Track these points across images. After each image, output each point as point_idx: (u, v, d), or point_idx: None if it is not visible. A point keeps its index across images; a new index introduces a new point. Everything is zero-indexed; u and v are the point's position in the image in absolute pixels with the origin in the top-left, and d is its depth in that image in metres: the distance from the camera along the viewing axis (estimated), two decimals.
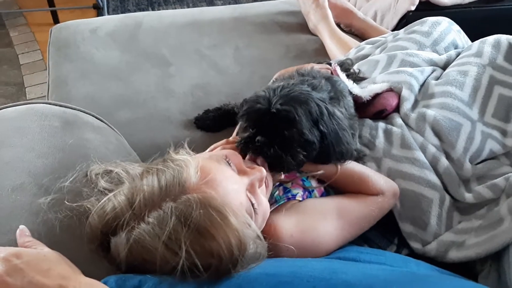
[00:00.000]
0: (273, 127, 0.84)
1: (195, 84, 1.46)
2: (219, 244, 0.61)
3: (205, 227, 0.61)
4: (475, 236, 0.93)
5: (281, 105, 0.83)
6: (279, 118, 0.83)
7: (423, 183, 0.98)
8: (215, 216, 0.62)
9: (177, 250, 0.60)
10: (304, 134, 0.83)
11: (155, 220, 0.63)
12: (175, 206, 0.64)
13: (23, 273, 0.54)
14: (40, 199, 0.72)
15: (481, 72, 1.09)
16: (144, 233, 0.63)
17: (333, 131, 0.87)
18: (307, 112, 0.84)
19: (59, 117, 0.91)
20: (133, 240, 0.63)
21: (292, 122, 0.83)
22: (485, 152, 1.02)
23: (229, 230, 0.62)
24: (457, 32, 1.28)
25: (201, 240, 0.61)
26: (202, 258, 0.60)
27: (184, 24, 1.69)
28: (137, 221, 0.64)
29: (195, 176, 0.69)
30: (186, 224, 0.62)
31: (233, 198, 0.70)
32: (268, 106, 0.83)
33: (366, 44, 1.45)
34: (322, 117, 0.86)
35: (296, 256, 0.75)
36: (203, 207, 0.63)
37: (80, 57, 1.53)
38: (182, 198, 0.65)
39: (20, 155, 0.79)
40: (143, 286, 0.58)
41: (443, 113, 1.03)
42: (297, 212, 0.84)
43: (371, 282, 0.58)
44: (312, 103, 0.85)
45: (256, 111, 0.85)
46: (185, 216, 0.62)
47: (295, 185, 0.91)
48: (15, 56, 2.83)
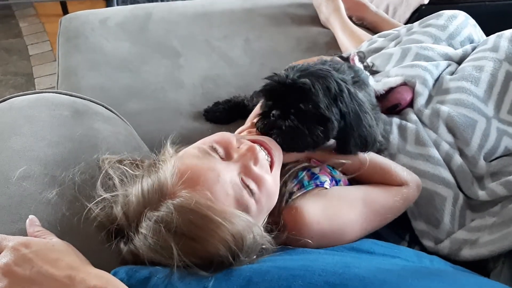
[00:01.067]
0: (288, 100, 0.82)
1: (204, 75, 1.45)
2: (212, 244, 0.60)
3: (191, 231, 0.61)
4: (488, 234, 0.91)
5: (298, 77, 0.81)
6: (294, 90, 0.81)
7: (437, 180, 0.97)
8: (197, 220, 0.61)
9: (171, 257, 0.60)
10: (320, 108, 0.80)
11: (145, 231, 0.63)
12: (157, 215, 0.63)
13: (32, 263, 0.54)
14: (50, 190, 0.71)
15: (497, 67, 1.06)
16: (139, 244, 0.64)
17: (353, 111, 0.84)
18: (325, 88, 0.82)
19: (69, 107, 0.91)
20: (134, 249, 0.65)
21: (308, 95, 0.80)
22: (500, 149, 1.01)
23: (217, 228, 0.61)
24: (473, 26, 1.26)
25: (191, 244, 0.61)
26: (198, 259, 0.60)
27: (194, 15, 1.68)
28: (132, 232, 0.66)
29: (171, 178, 0.67)
30: (172, 231, 0.61)
31: (217, 190, 0.67)
32: (284, 79, 0.82)
33: (378, 37, 1.43)
34: (341, 94, 0.83)
35: (315, 245, 0.74)
36: (182, 213, 0.62)
37: (90, 47, 1.53)
38: (161, 206, 0.64)
39: (30, 144, 0.78)
40: (154, 277, 0.58)
41: (457, 109, 1.02)
42: (324, 198, 0.82)
43: (384, 276, 0.57)
44: (331, 79, 0.83)
45: (272, 84, 0.83)
46: (168, 223, 0.61)
47: (323, 172, 0.87)
48: (25, 47, 2.83)
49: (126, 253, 0.66)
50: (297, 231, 0.74)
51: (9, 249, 0.55)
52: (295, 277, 0.55)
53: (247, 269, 0.58)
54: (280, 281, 0.54)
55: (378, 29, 1.62)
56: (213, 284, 0.55)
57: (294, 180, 0.84)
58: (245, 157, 0.74)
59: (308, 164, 0.88)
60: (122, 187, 0.72)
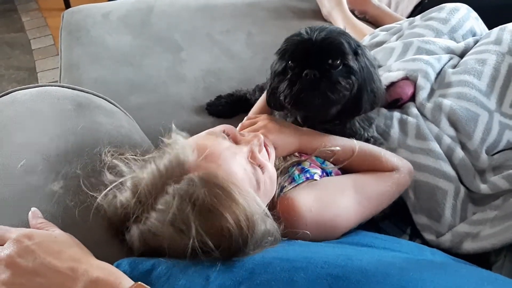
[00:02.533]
0: (318, 58, 0.82)
1: (206, 69, 1.45)
2: (227, 221, 0.60)
3: (212, 204, 0.61)
4: (490, 227, 0.91)
5: (323, 36, 0.82)
6: (323, 47, 0.82)
7: (438, 174, 0.96)
8: (220, 193, 0.62)
9: (187, 231, 0.60)
10: (349, 61, 0.83)
11: (162, 206, 0.63)
12: (178, 187, 0.63)
13: (35, 255, 0.54)
14: (53, 183, 0.71)
15: (500, 61, 1.06)
16: (154, 221, 0.63)
17: (367, 66, 0.87)
18: (348, 43, 0.84)
19: (72, 100, 0.91)
20: (145, 231, 0.64)
21: (338, 50, 0.82)
22: (503, 143, 1.00)
23: (235, 206, 0.62)
24: (475, 20, 1.25)
25: (209, 217, 0.61)
26: (212, 236, 0.60)
27: (196, 9, 1.67)
28: (146, 211, 0.64)
29: (192, 154, 0.68)
30: (192, 203, 0.61)
31: (235, 167, 0.70)
32: (310, 37, 0.83)
33: (380, 31, 1.42)
34: (358, 49, 0.86)
35: (313, 236, 0.75)
36: (206, 185, 0.62)
37: (92, 41, 1.53)
38: (184, 178, 0.64)
39: (32, 137, 0.78)
40: (156, 269, 0.58)
41: (460, 103, 1.01)
42: (315, 188, 0.83)
43: (387, 269, 0.57)
44: (349, 36, 0.86)
45: (298, 43, 0.84)
46: (190, 195, 0.62)
47: (313, 166, 0.89)
48: (27, 41, 2.83)
49: (136, 237, 0.65)
50: (292, 222, 0.75)
51: (12, 241, 0.55)
52: (297, 269, 0.55)
53: (250, 261, 0.58)
54: (282, 273, 0.55)
55: (380, 23, 1.61)
56: (216, 276, 0.55)
57: (285, 175, 0.86)
58: (252, 143, 0.77)
59: (297, 159, 0.89)
60: (129, 172, 0.72)
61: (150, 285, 0.55)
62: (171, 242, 0.62)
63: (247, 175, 0.72)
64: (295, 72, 0.84)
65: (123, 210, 0.67)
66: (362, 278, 0.55)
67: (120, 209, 0.67)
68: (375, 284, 0.54)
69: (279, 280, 0.54)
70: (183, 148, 0.69)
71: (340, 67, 0.83)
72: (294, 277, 0.54)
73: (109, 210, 0.69)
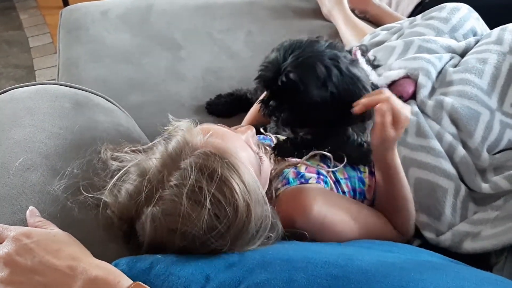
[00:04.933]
0: (283, 94, 0.87)
1: (206, 68, 1.44)
2: (236, 192, 0.63)
3: (224, 175, 0.64)
4: (491, 227, 0.91)
5: (289, 73, 0.84)
6: (286, 87, 0.85)
7: (438, 172, 0.96)
8: (231, 165, 0.65)
9: (202, 200, 0.62)
10: (310, 99, 0.85)
11: (178, 180, 0.64)
12: (194, 160, 0.65)
13: (33, 253, 0.53)
14: (51, 181, 0.71)
15: (501, 60, 1.06)
16: (169, 197, 0.64)
17: (345, 87, 0.87)
18: (315, 78, 0.85)
19: (70, 98, 0.90)
20: (158, 212, 0.64)
21: (299, 91, 0.85)
22: (504, 142, 1.00)
23: (240, 180, 0.65)
24: (476, 19, 1.25)
25: (221, 188, 0.63)
26: (222, 206, 0.62)
27: (196, 7, 1.67)
28: (158, 190, 0.65)
29: (199, 135, 0.70)
30: (206, 174, 0.63)
31: (239, 146, 0.73)
32: (275, 75, 0.86)
33: (381, 30, 1.42)
34: (330, 79, 0.86)
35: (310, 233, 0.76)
36: (219, 157, 0.65)
37: (91, 39, 1.52)
38: (197, 152, 0.67)
39: (31, 135, 0.78)
40: (155, 267, 0.57)
41: (461, 101, 1.01)
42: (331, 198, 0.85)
43: (387, 270, 0.57)
44: (319, 67, 0.86)
45: (265, 78, 0.88)
46: (206, 166, 0.64)
47: (309, 170, 0.90)
48: (25, 39, 2.82)
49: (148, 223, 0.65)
50: (296, 215, 0.77)
51: (11, 239, 0.55)
52: (297, 269, 0.55)
53: (250, 260, 0.58)
54: (282, 273, 0.54)
55: (381, 22, 1.60)
56: (215, 274, 0.55)
57: (279, 178, 0.87)
58: (246, 133, 0.79)
59: (292, 163, 0.90)
60: (132, 160, 0.73)
61: (149, 283, 0.55)
62: (185, 220, 0.62)
63: (249, 157, 0.74)
64: (264, 99, 0.91)
65: (132, 199, 0.67)
66: (362, 278, 0.54)
67: (127, 198, 0.68)
68: (375, 284, 0.54)
69: (279, 279, 0.53)
70: (189, 129, 0.72)
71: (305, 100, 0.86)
72: (294, 277, 0.53)
73: (114, 203, 0.69)
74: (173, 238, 0.63)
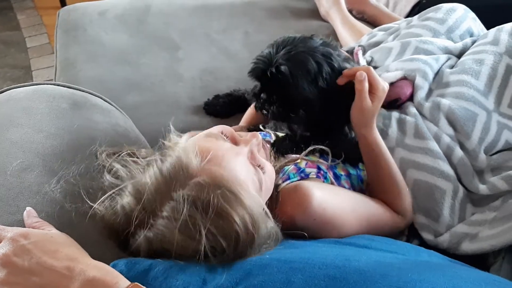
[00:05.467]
0: (273, 86, 0.89)
1: (203, 68, 1.44)
2: (236, 223, 0.61)
3: (221, 207, 0.61)
4: (489, 228, 0.91)
5: (279, 65, 0.86)
6: (276, 77, 0.87)
7: (436, 173, 0.96)
8: (227, 195, 0.62)
9: (196, 236, 0.60)
10: (299, 94, 0.87)
11: (169, 213, 0.62)
12: (187, 192, 0.63)
13: (31, 254, 0.53)
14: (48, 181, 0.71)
15: (498, 61, 1.06)
16: (161, 227, 0.62)
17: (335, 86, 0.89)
18: (305, 72, 0.86)
19: (68, 99, 0.90)
20: (152, 237, 0.63)
21: (288, 83, 0.86)
22: (501, 143, 1.00)
23: (242, 207, 0.62)
24: (472, 20, 1.25)
25: (218, 221, 0.61)
26: (220, 240, 0.60)
27: (193, 8, 1.67)
28: (151, 217, 0.63)
29: (196, 158, 0.67)
30: (201, 208, 0.61)
31: (239, 169, 0.70)
32: (267, 67, 0.88)
33: (378, 31, 1.42)
34: (321, 74, 0.87)
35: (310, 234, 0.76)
36: (214, 188, 0.62)
37: (88, 39, 1.52)
38: (191, 183, 0.64)
39: (28, 136, 0.77)
40: (153, 269, 0.57)
41: (458, 102, 1.01)
42: (325, 186, 0.86)
43: (385, 270, 0.57)
44: (310, 62, 0.87)
45: (257, 71, 0.90)
46: (200, 200, 0.61)
47: (309, 165, 0.91)
48: (22, 39, 2.82)
49: (142, 242, 0.64)
50: (296, 210, 0.77)
51: (8, 240, 0.55)
52: (295, 270, 0.55)
53: (247, 262, 0.58)
54: (279, 274, 0.54)
55: (378, 23, 1.61)
56: (213, 276, 0.55)
57: (280, 174, 0.88)
58: (251, 143, 0.76)
59: (293, 159, 0.91)
60: (128, 177, 0.71)
61: (147, 285, 0.55)
62: (180, 248, 0.61)
63: (250, 176, 0.71)
64: (256, 92, 0.94)
65: (124, 216, 0.66)
66: (360, 279, 0.54)
67: (121, 215, 0.66)
68: (373, 285, 0.54)
69: (277, 281, 0.53)
70: (186, 151, 0.68)
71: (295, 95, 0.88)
72: (291, 278, 0.53)
73: (108, 216, 0.68)
74: (170, 255, 0.62)
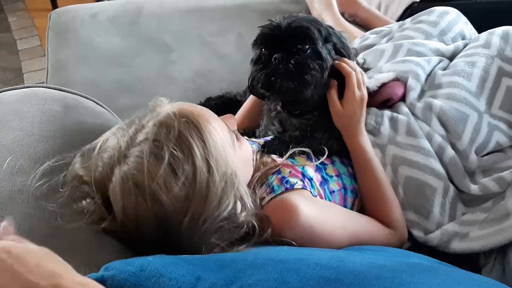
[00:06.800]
0: (287, 43, 0.88)
1: (196, 71, 1.44)
2: (195, 155, 0.67)
3: (182, 132, 0.68)
4: (479, 229, 0.92)
5: (291, 22, 0.88)
6: (292, 33, 0.87)
7: (427, 171, 0.97)
8: (191, 126, 0.69)
9: (162, 154, 0.66)
10: (317, 45, 0.88)
11: (141, 137, 0.69)
12: (158, 119, 0.71)
13: (12, 271, 0.49)
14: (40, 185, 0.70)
15: (489, 63, 1.07)
16: (134, 156, 0.68)
17: (343, 48, 0.95)
18: (318, 29, 0.89)
19: (60, 101, 0.89)
20: (126, 170, 0.67)
21: (306, 35, 0.87)
22: (491, 144, 1.01)
23: (203, 142, 0.68)
24: (464, 23, 1.26)
25: (180, 146, 0.67)
26: (181, 163, 0.66)
27: (186, 10, 1.66)
28: (128, 149, 0.70)
29: (170, 103, 0.76)
30: (166, 130, 0.68)
31: (213, 119, 0.75)
32: (279, 24, 0.88)
33: (370, 33, 1.43)
34: (330, 36, 0.93)
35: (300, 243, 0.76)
36: (181, 117, 0.70)
37: (80, 42, 1.51)
38: (162, 113, 0.72)
39: (19, 139, 0.77)
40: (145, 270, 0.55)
41: (450, 103, 1.02)
42: (320, 207, 0.84)
43: (379, 271, 0.57)
44: (320, 24, 0.92)
45: (267, 30, 0.89)
46: (167, 124, 0.69)
47: (293, 174, 0.88)
48: (13, 42, 2.80)
49: (117, 184, 0.68)
50: (284, 226, 0.76)
51: None
52: (289, 270, 0.55)
53: (241, 261, 0.58)
54: (274, 274, 0.54)
55: (370, 26, 1.61)
56: (207, 275, 0.55)
57: (264, 186, 0.85)
58: (225, 118, 0.81)
59: (273, 166, 0.89)
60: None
61: (139, 286, 0.54)
62: (150, 176, 0.65)
63: (222, 129, 0.75)
64: (266, 57, 0.90)
65: (104, 165, 0.71)
66: (354, 281, 0.54)
67: (103, 166, 0.71)
68: (367, 286, 0.54)
69: (272, 280, 0.53)
70: (161, 101, 0.78)
71: (308, 51, 0.89)
72: (286, 278, 0.53)
73: (93, 174, 0.71)
74: (145, 204, 0.65)
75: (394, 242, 0.92)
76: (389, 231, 0.92)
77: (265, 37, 0.90)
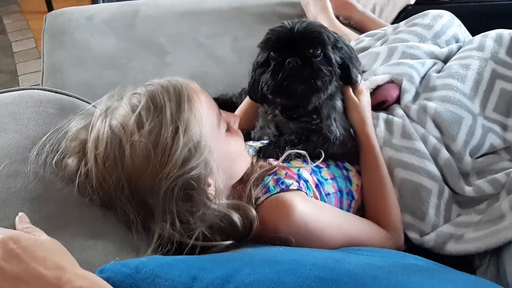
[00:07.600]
0: (299, 48, 0.88)
1: (192, 73, 1.43)
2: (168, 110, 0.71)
3: (162, 92, 0.73)
4: (474, 231, 0.92)
5: (305, 26, 0.88)
6: (306, 37, 0.88)
7: (422, 173, 0.97)
8: (171, 92, 0.73)
9: (137, 105, 0.73)
10: (328, 51, 0.90)
11: (130, 93, 0.76)
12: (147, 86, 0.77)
13: (19, 259, 0.53)
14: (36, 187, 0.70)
15: (483, 66, 1.08)
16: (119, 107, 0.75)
17: (348, 54, 0.96)
18: (327, 35, 0.91)
19: (55, 104, 0.89)
20: (113, 124, 0.72)
21: (318, 40, 0.88)
22: (486, 146, 1.02)
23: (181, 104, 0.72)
24: (458, 26, 1.28)
25: (155, 100, 0.72)
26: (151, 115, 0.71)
27: (182, 13, 1.67)
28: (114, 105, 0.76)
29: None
30: (152, 89, 0.75)
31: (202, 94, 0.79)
32: (291, 28, 0.88)
33: (365, 36, 1.44)
34: (337, 42, 0.94)
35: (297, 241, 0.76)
36: (173, 82, 0.75)
37: (75, 44, 1.51)
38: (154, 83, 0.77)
39: (14, 141, 0.77)
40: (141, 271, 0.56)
41: (444, 105, 1.03)
42: (315, 205, 0.85)
43: (375, 272, 0.57)
44: (328, 30, 0.93)
45: (280, 33, 0.89)
46: (158, 85, 0.76)
47: (289, 176, 0.88)
48: (9, 44, 2.79)
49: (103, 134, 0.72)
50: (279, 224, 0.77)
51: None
52: (286, 270, 0.55)
53: (238, 261, 0.58)
54: (271, 274, 0.54)
55: (365, 29, 1.62)
56: (203, 275, 0.55)
57: (260, 186, 0.85)
58: (230, 114, 0.86)
59: (270, 168, 0.89)
60: None
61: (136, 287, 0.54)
62: (123, 119, 0.71)
63: (209, 107, 0.78)
64: (278, 61, 0.88)
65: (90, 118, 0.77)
66: (350, 281, 0.55)
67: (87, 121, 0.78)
68: (363, 287, 0.54)
69: (268, 280, 0.53)
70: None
71: (320, 56, 0.90)
72: (282, 279, 0.53)
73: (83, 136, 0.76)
74: (112, 150, 0.70)
75: (389, 245, 0.91)
76: (385, 234, 0.91)
77: (277, 39, 0.89)
